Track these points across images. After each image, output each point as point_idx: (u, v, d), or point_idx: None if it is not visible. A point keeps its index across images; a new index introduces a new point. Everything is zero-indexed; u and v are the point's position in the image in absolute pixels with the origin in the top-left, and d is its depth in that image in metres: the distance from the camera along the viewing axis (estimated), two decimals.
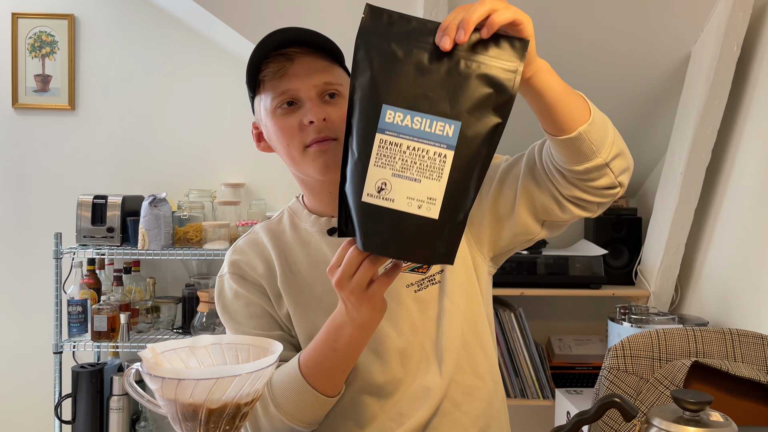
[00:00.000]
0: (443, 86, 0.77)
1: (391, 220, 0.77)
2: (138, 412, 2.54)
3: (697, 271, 2.26)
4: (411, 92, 0.77)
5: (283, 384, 1.01)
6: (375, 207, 0.78)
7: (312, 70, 1.02)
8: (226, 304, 1.12)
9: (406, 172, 0.77)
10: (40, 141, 2.74)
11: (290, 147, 1.04)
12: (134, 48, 2.72)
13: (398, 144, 0.77)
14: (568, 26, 2.04)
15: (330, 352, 0.97)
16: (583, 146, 0.91)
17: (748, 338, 1.26)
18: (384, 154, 0.77)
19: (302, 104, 1.02)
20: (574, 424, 0.76)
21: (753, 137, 1.99)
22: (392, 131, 0.77)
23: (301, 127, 1.02)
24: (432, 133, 0.76)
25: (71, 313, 2.43)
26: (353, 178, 0.80)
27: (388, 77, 0.77)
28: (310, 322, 1.07)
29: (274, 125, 1.04)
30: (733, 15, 1.95)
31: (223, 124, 2.73)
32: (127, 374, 0.76)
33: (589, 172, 0.94)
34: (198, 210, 2.55)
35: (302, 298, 1.08)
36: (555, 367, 2.44)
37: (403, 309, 1.07)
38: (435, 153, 0.76)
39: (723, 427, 0.71)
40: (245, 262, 1.12)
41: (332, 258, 1.04)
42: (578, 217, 1.03)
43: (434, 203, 0.77)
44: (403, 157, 0.77)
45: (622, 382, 1.24)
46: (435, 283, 1.09)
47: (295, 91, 1.01)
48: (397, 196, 0.77)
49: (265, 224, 1.17)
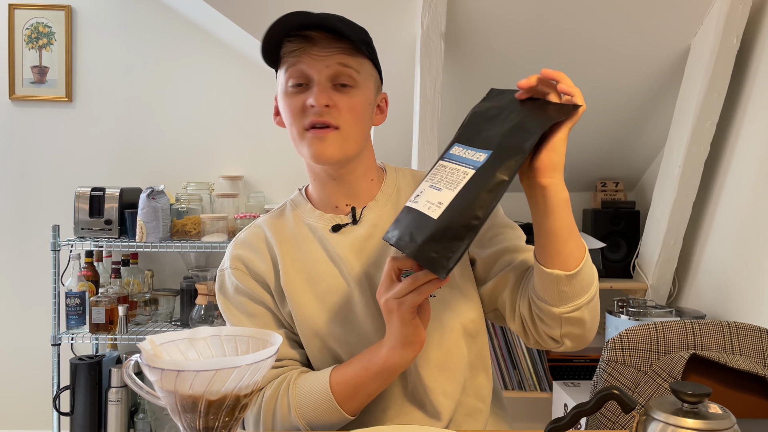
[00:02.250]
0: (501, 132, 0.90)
1: (410, 217, 0.89)
2: (136, 404, 2.54)
3: (695, 264, 2.27)
4: (480, 136, 0.92)
5: (311, 394, 1.00)
6: (407, 208, 0.91)
7: (329, 53, 1.01)
8: (228, 300, 1.10)
9: (438, 183, 0.90)
10: (38, 133, 2.73)
11: (292, 127, 1.04)
12: (132, 39, 2.71)
13: (446, 166, 0.92)
14: (568, 20, 2.03)
15: (363, 372, 0.98)
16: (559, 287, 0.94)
17: (745, 331, 1.26)
18: (435, 173, 0.92)
19: (311, 87, 1.02)
20: (572, 416, 0.76)
21: (752, 131, 1.99)
22: (449, 158, 0.92)
23: (304, 109, 1.02)
24: (470, 159, 0.89)
25: (69, 306, 2.43)
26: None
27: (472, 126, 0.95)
28: (313, 321, 1.06)
29: (284, 103, 1.05)
30: (732, 8, 1.95)
31: (222, 116, 2.73)
32: (126, 366, 0.76)
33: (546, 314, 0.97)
34: (196, 202, 2.55)
35: (305, 296, 1.07)
36: (552, 360, 2.44)
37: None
38: (462, 172, 0.89)
39: (721, 419, 0.72)
40: (248, 257, 1.10)
41: (336, 254, 1.07)
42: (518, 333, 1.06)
43: (440, 207, 0.86)
44: (442, 174, 0.91)
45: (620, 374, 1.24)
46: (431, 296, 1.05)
47: (306, 71, 1.01)
48: (422, 200, 0.89)
49: (267, 218, 1.15)
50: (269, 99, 2.71)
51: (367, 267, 1.07)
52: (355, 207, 1.10)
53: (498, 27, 2.05)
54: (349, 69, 1.02)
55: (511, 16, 2.02)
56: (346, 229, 1.09)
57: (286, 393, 1.01)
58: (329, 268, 1.07)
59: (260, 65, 2.69)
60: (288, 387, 1.02)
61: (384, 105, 1.14)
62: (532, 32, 2.07)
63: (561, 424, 0.77)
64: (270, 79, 2.68)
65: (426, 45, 1.99)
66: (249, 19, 2.17)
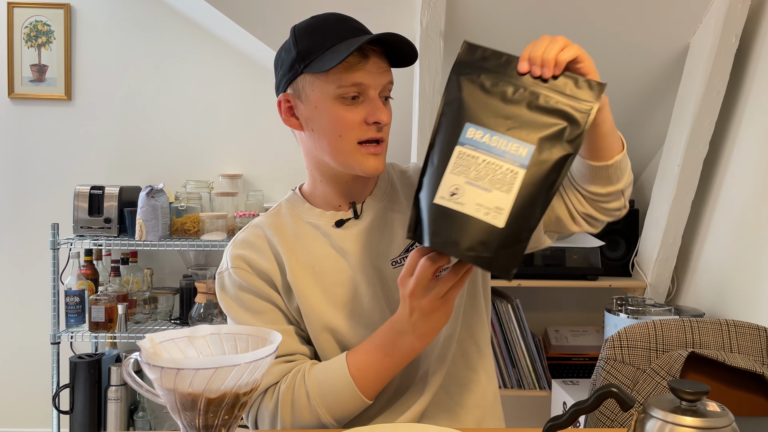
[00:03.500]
0: (523, 114, 0.87)
1: (459, 221, 0.85)
2: (136, 403, 2.54)
3: (694, 263, 2.27)
4: (493, 116, 0.87)
5: (331, 382, 1.01)
6: (445, 209, 0.85)
7: (381, 69, 1.03)
8: (231, 299, 1.09)
9: (478, 181, 0.85)
10: (37, 131, 2.73)
11: (343, 138, 1.03)
12: (131, 38, 2.70)
13: (475, 157, 0.86)
14: (567, 18, 2.03)
15: (386, 359, 0.99)
16: (612, 173, 1.03)
17: (744, 329, 1.26)
18: (461, 164, 0.86)
19: (365, 100, 1.02)
20: (571, 414, 0.77)
21: (751, 129, 1.99)
22: (471, 145, 0.86)
23: (362, 123, 1.02)
24: (507, 152, 0.85)
25: (69, 304, 2.43)
26: (429, 185, 0.88)
27: (474, 101, 0.88)
28: (321, 315, 1.07)
29: (332, 113, 1.02)
30: (732, 6, 1.95)
31: (221, 114, 2.72)
32: (125, 364, 0.76)
33: (608, 194, 1.06)
34: (195, 201, 2.55)
35: (312, 291, 1.07)
36: (551, 358, 2.45)
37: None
38: (507, 169, 0.85)
39: (720, 417, 0.72)
40: (250, 255, 1.09)
41: (342, 248, 1.08)
42: (584, 231, 1.12)
43: (501, 213, 0.84)
44: (477, 168, 0.85)
45: (619, 372, 1.25)
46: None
47: (365, 87, 1.02)
48: (467, 201, 0.85)
49: (264, 219, 1.15)
50: (269, 97, 2.71)
51: (372, 258, 1.09)
52: (355, 202, 1.12)
53: (497, 25, 2.05)
54: (391, 84, 1.06)
55: (510, 15, 2.02)
56: (349, 223, 1.11)
57: (303, 383, 1.02)
58: (336, 262, 1.09)
59: (260, 64, 2.69)
60: (304, 377, 1.02)
61: None
62: (531, 31, 2.07)
63: (560, 422, 0.77)
64: (269, 77, 2.68)
65: (425, 43, 1.99)
66: (249, 18, 2.16)
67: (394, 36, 1.00)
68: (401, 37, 1.01)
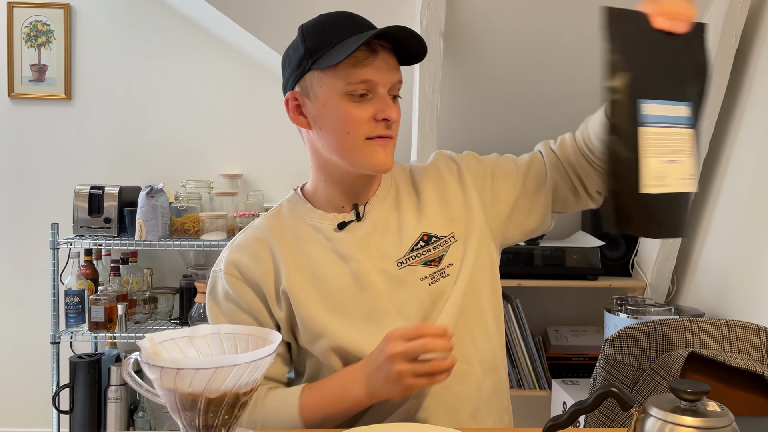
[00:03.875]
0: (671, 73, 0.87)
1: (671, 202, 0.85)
2: (136, 402, 2.54)
3: (694, 263, 2.27)
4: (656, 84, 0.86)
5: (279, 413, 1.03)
6: (655, 195, 0.84)
7: (390, 66, 1.03)
8: (216, 304, 1.10)
9: (671, 156, 0.84)
10: (37, 131, 2.73)
11: (351, 135, 1.02)
12: (131, 37, 2.70)
13: (659, 133, 0.85)
14: (567, 18, 2.03)
15: (335, 405, 1.00)
16: None
17: (744, 329, 1.26)
18: (650, 144, 0.84)
19: (374, 97, 1.02)
20: (571, 413, 0.77)
21: (751, 129, 1.99)
22: (652, 122, 0.84)
23: (371, 120, 1.02)
24: (678, 117, 0.86)
25: (68, 304, 2.43)
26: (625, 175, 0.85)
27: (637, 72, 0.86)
28: (319, 322, 1.05)
29: (340, 110, 1.02)
30: (732, 6, 1.95)
31: (221, 114, 2.72)
32: (125, 364, 0.76)
33: None
34: (195, 201, 2.55)
35: (310, 297, 1.06)
36: (551, 358, 2.45)
37: (418, 302, 1.07)
38: (683, 134, 0.86)
39: (720, 417, 0.72)
40: (244, 262, 1.08)
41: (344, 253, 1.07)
42: (586, 208, 1.16)
43: (693, 177, 0.86)
44: (665, 143, 0.85)
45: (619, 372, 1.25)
46: (445, 276, 1.09)
47: (374, 84, 1.01)
48: (671, 180, 0.84)
49: (265, 220, 1.14)
50: (269, 97, 2.71)
51: (376, 261, 1.07)
52: (358, 204, 1.11)
53: (497, 25, 2.05)
54: (400, 83, 1.05)
55: (510, 15, 2.02)
56: (351, 226, 1.09)
57: (254, 409, 1.03)
58: (336, 267, 1.07)
59: (260, 63, 2.69)
60: (255, 403, 1.03)
61: None
62: (531, 31, 2.07)
63: (560, 422, 0.77)
64: (269, 77, 2.68)
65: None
66: (248, 18, 2.16)
67: (402, 29, 0.99)
68: (409, 30, 1.00)
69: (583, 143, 1.10)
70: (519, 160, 1.19)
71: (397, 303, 1.07)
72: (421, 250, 1.09)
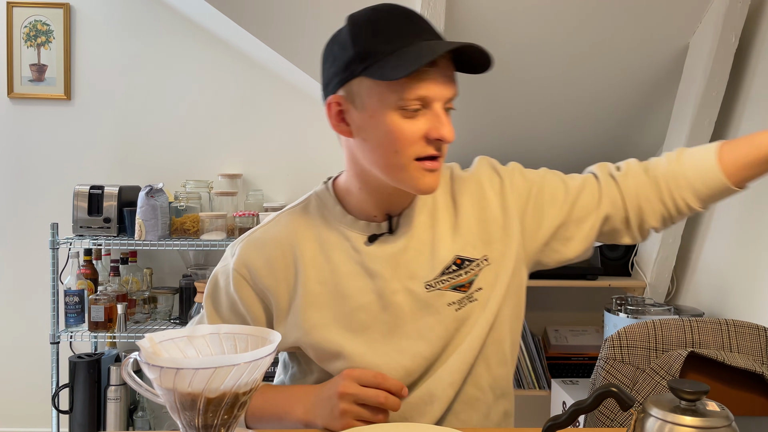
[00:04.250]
0: None
1: None
2: (135, 402, 2.54)
3: (693, 262, 2.27)
4: None
5: None
6: None
7: (448, 79, 0.93)
8: (210, 293, 1.06)
9: None
10: (36, 131, 2.73)
11: (399, 154, 0.92)
12: (130, 37, 2.70)
13: None
14: (568, 18, 2.03)
15: (273, 415, 1.01)
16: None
17: (743, 328, 1.26)
18: None
19: (428, 113, 0.92)
20: (571, 413, 0.77)
21: (750, 129, 1.99)
22: None
23: (422, 139, 0.92)
24: None
25: (68, 304, 2.43)
26: None
27: None
28: (333, 343, 0.99)
29: (389, 125, 0.91)
30: (731, 6, 1.95)
31: (221, 114, 2.72)
32: (125, 364, 0.76)
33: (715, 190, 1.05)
34: (195, 200, 2.55)
35: (326, 314, 1.00)
36: (551, 358, 2.45)
37: (442, 328, 1.01)
38: None
39: (719, 417, 0.72)
40: (257, 266, 1.01)
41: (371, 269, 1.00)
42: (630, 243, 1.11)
43: None
44: None
45: (619, 372, 1.25)
46: (473, 301, 1.02)
47: (430, 100, 0.91)
48: None
49: (290, 216, 1.05)
50: (268, 97, 2.71)
51: (403, 280, 1.00)
52: (391, 215, 1.02)
53: (497, 25, 2.05)
54: (456, 95, 0.95)
55: (510, 14, 2.02)
56: (382, 239, 1.01)
57: None
58: (361, 282, 1.00)
59: (259, 63, 2.69)
60: None
61: None
62: (531, 30, 2.06)
63: (559, 422, 0.77)
64: (268, 77, 2.68)
65: None
66: (248, 17, 2.16)
67: (472, 47, 0.90)
68: (480, 48, 0.91)
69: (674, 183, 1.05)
70: (569, 182, 1.09)
71: (421, 327, 1.00)
72: (453, 274, 1.02)
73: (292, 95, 2.70)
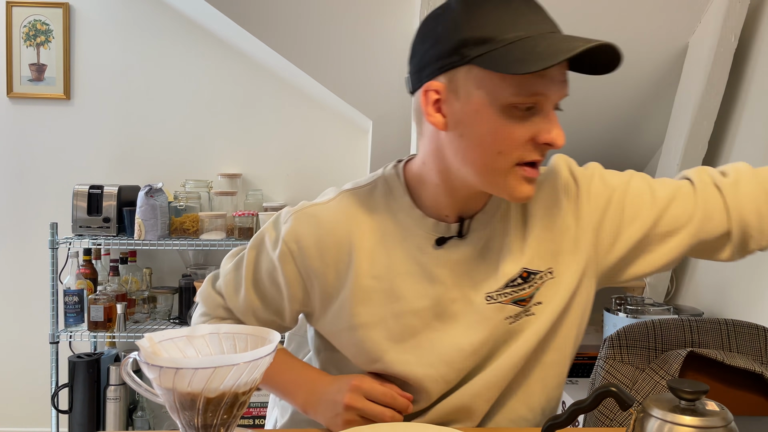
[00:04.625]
0: None
1: None
2: (135, 402, 2.54)
3: (693, 262, 2.27)
4: None
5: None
6: None
7: (564, 77, 0.84)
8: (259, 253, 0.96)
9: None
10: (36, 131, 2.73)
11: (502, 155, 0.83)
12: (130, 37, 2.70)
13: None
14: (566, 18, 2.03)
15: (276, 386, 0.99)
16: None
17: (743, 328, 1.26)
18: None
19: (539, 113, 0.82)
20: (570, 413, 0.77)
21: (750, 129, 1.99)
22: None
23: (530, 142, 0.83)
24: None
25: (68, 303, 2.43)
26: None
27: None
28: (377, 346, 0.93)
29: (497, 123, 0.82)
30: (731, 6, 1.95)
31: (220, 113, 2.72)
32: (124, 363, 0.76)
33: None
34: (194, 200, 2.55)
35: (375, 312, 0.92)
36: None
37: (493, 340, 0.94)
38: None
39: (718, 417, 0.72)
40: (310, 244, 0.92)
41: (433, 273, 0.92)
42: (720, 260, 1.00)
43: None
44: None
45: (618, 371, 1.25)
46: (529, 315, 0.94)
47: (545, 99, 0.82)
48: None
49: (354, 197, 0.95)
50: (268, 96, 2.71)
51: (465, 289, 0.93)
52: (463, 218, 0.93)
53: None
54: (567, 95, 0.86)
55: None
56: (450, 243, 0.92)
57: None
58: (420, 286, 0.92)
59: (259, 63, 2.69)
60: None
61: None
62: None
63: (559, 422, 0.77)
64: (268, 77, 2.68)
65: None
66: (247, 17, 2.16)
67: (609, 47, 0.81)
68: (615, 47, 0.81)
69: None
70: (658, 188, 0.97)
71: (474, 342, 0.93)
72: (517, 287, 0.93)
73: (292, 95, 2.70)
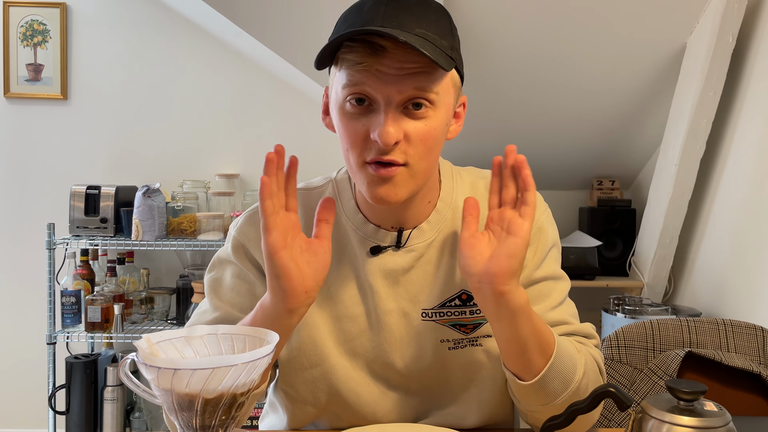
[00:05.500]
0: None
1: None
2: (132, 403, 2.54)
3: (691, 262, 2.27)
4: None
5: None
6: None
7: (403, 72, 0.78)
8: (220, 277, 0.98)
9: None
10: (33, 131, 2.72)
11: (349, 153, 0.83)
12: (127, 37, 2.70)
13: None
14: (565, 20, 2.03)
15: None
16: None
17: (741, 329, 1.27)
18: None
19: (377, 108, 0.80)
20: (569, 414, 0.77)
21: (748, 129, 1.99)
22: None
23: (366, 139, 0.81)
24: None
25: (65, 304, 2.42)
26: None
27: None
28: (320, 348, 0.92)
29: (341, 119, 0.83)
30: (728, 6, 1.95)
31: (217, 114, 2.72)
32: (122, 364, 0.76)
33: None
34: (192, 201, 2.54)
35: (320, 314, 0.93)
36: None
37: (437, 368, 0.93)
38: None
39: (717, 417, 0.72)
40: (253, 236, 0.93)
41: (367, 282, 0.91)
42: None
43: None
44: None
45: (616, 372, 1.25)
46: (475, 345, 0.92)
47: (372, 94, 0.79)
48: None
49: (304, 195, 0.95)
50: (265, 97, 2.71)
51: (401, 303, 0.92)
52: (403, 228, 0.92)
53: (496, 26, 2.05)
54: (426, 92, 0.80)
55: (509, 16, 2.02)
56: (386, 253, 0.91)
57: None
58: (354, 292, 0.93)
59: (256, 63, 2.68)
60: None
61: (462, 111, 0.91)
62: (530, 32, 2.07)
63: (557, 422, 0.77)
64: (266, 77, 2.68)
65: None
66: (245, 17, 2.16)
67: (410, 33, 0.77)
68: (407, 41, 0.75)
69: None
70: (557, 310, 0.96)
71: (406, 358, 0.92)
72: (455, 309, 0.92)
73: (290, 95, 2.70)
